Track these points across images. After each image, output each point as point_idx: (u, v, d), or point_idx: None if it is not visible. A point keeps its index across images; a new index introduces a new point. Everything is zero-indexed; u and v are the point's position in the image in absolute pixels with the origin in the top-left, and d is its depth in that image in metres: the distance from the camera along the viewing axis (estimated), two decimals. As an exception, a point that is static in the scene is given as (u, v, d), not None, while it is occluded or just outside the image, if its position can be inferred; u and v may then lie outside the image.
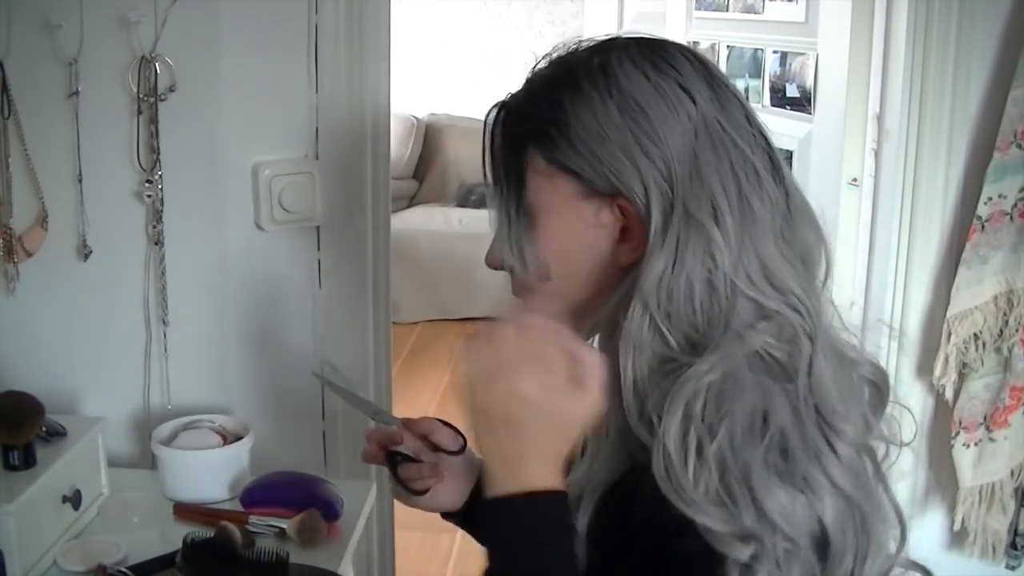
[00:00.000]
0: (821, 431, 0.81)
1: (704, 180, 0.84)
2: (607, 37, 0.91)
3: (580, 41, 0.93)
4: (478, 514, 0.81)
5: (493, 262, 0.95)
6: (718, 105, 0.86)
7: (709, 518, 0.76)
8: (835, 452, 0.81)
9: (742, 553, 0.76)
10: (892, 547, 0.88)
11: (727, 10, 2.77)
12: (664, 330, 0.84)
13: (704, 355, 0.81)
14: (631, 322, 0.84)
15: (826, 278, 0.92)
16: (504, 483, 0.79)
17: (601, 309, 0.89)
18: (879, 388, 0.92)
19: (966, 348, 2.11)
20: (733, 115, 0.87)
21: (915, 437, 0.96)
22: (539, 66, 0.92)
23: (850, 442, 0.83)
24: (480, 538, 0.83)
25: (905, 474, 0.98)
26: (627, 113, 0.84)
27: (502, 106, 0.93)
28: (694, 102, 0.85)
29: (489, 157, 0.93)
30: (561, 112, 0.86)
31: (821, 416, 0.82)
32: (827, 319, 0.90)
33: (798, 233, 0.89)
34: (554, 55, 0.92)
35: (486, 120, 0.94)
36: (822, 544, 0.80)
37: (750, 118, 0.89)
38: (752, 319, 0.83)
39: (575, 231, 0.88)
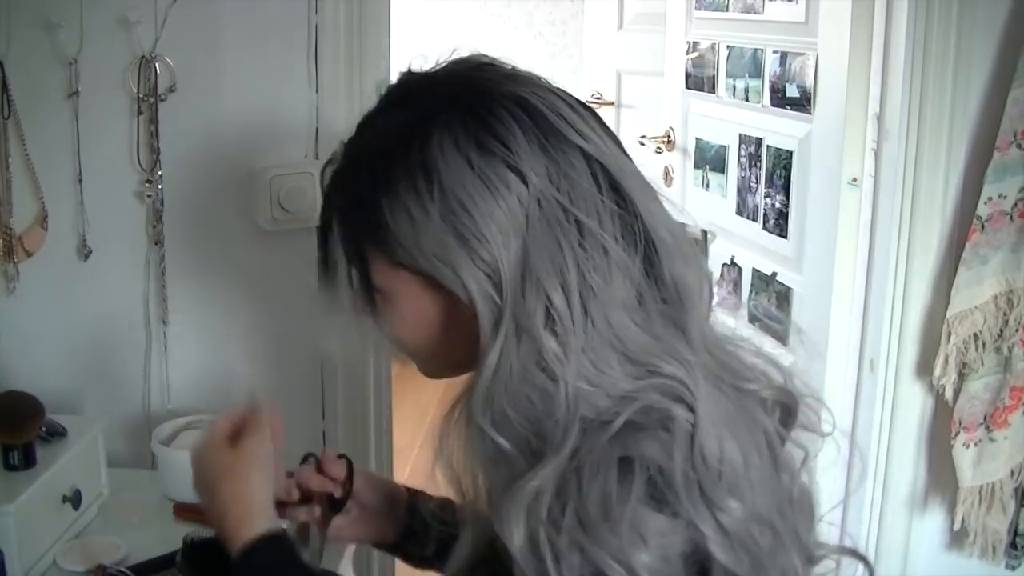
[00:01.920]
0: (704, 503, 0.76)
1: (536, 279, 0.77)
2: (435, 89, 0.83)
3: (427, 74, 0.86)
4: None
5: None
6: (556, 175, 0.79)
7: None
8: (722, 529, 0.76)
9: None
10: None
11: (727, 10, 2.77)
12: (492, 436, 0.79)
13: (544, 460, 0.76)
14: (460, 424, 0.81)
15: (710, 305, 0.87)
16: (232, 542, 0.93)
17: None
18: (787, 406, 0.89)
19: (966, 348, 2.10)
20: (575, 181, 0.79)
21: (834, 429, 0.93)
22: (371, 114, 0.87)
23: (738, 518, 0.77)
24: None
25: (827, 467, 0.98)
26: (448, 215, 0.78)
27: (333, 172, 0.89)
28: (526, 182, 0.78)
29: (327, 220, 0.91)
30: (382, 216, 0.81)
31: (704, 495, 0.76)
32: (715, 358, 0.84)
33: (668, 276, 0.82)
34: (389, 98, 0.87)
35: (322, 175, 0.91)
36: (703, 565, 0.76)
37: (596, 173, 0.80)
38: (614, 407, 0.77)
39: (429, 313, 0.85)
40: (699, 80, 2.73)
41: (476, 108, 0.80)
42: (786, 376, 0.90)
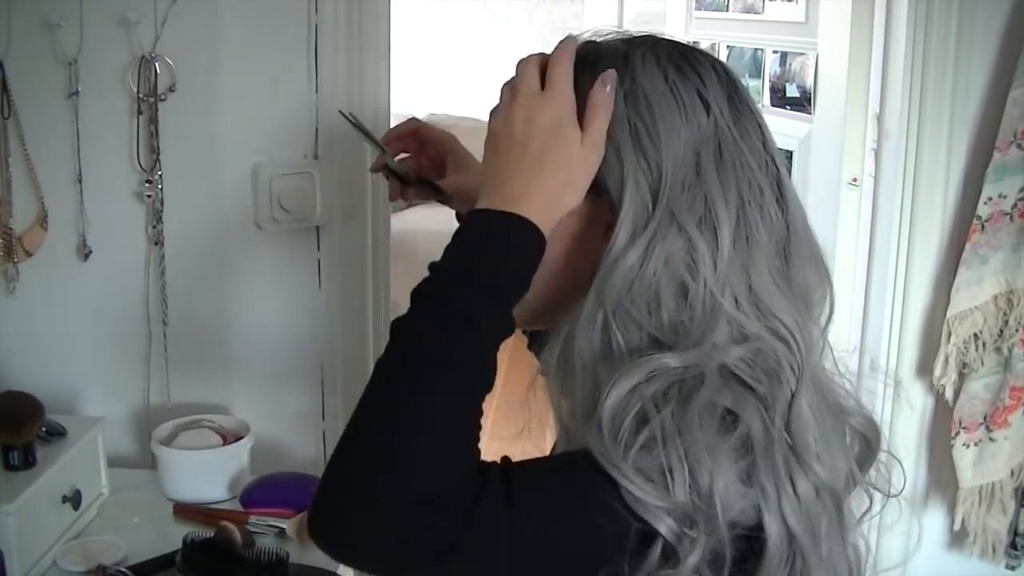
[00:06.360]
0: (786, 462, 0.78)
1: (703, 188, 0.81)
2: (647, 33, 0.89)
3: (620, 31, 0.91)
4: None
5: None
6: (735, 122, 0.84)
7: (635, 487, 0.73)
8: (794, 488, 0.78)
9: (667, 526, 0.74)
10: None
11: (727, 10, 2.77)
12: (614, 328, 0.80)
13: (671, 352, 0.78)
14: (583, 315, 0.82)
15: (828, 321, 0.88)
16: (493, 198, 0.81)
17: (577, 305, 0.84)
18: (869, 442, 0.89)
19: (966, 348, 2.11)
20: (748, 135, 0.84)
21: (903, 488, 0.93)
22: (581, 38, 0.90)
23: (814, 481, 0.79)
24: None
25: (892, 525, 0.97)
26: (632, 105, 0.82)
27: None
28: (709, 114, 0.82)
29: None
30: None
31: (792, 449, 0.78)
32: (818, 359, 0.86)
33: (797, 267, 0.84)
34: (595, 37, 0.91)
35: None
36: (756, 546, 0.77)
37: (766, 143, 0.86)
38: (727, 341, 0.79)
39: (577, 229, 0.85)
40: (699, 80, 2.73)
41: (683, 47, 0.87)
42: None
